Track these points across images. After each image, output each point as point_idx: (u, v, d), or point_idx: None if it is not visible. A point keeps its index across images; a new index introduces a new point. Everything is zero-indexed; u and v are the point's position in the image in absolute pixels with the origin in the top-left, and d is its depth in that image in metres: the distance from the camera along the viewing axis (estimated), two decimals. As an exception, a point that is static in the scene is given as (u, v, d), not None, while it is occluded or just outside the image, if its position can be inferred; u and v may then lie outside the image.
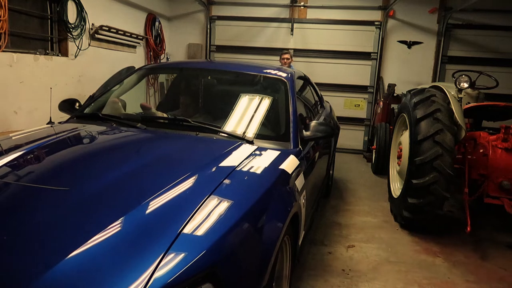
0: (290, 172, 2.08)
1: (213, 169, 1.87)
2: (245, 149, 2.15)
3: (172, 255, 1.22)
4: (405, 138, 4.00)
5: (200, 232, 1.35)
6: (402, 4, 7.05)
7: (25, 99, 4.36)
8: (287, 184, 2.02)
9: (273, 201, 1.76)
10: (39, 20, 4.80)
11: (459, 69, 4.98)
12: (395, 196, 4.04)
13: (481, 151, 3.68)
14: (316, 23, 7.48)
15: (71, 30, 4.98)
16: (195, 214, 1.42)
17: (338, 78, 7.47)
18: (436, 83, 4.67)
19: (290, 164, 2.14)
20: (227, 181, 1.72)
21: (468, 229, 3.28)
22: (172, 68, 3.91)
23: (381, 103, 6.39)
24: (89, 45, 5.38)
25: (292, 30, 7.52)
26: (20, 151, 1.95)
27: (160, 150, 2.11)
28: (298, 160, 2.27)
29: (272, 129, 2.58)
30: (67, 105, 2.79)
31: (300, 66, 6.89)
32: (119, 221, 1.35)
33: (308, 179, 2.45)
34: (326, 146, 3.56)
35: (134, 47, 6.66)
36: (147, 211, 1.44)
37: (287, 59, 5.91)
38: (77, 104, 2.83)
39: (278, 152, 2.21)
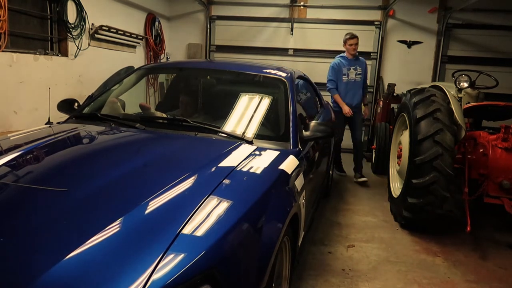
0: (289, 173, 2.07)
1: (213, 170, 1.87)
2: (245, 149, 2.15)
3: (171, 256, 1.22)
4: (405, 137, 3.99)
5: (199, 232, 1.34)
6: (402, 3, 7.04)
7: (25, 99, 4.36)
8: (287, 184, 2.01)
9: (272, 201, 1.76)
10: (39, 20, 4.80)
11: (459, 68, 4.97)
12: (395, 196, 4.03)
13: (481, 150, 3.68)
14: (316, 22, 7.47)
15: (71, 30, 4.98)
16: (194, 215, 1.41)
17: (338, 78, 7.46)
18: (436, 83, 4.67)
19: (289, 164, 2.14)
20: (226, 182, 1.72)
21: (468, 229, 3.28)
22: (171, 68, 3.91)
23: (381, 102, 6.39)
24: (89, 45, 5.38)
25: (292, 30, 7.51)
26: (18, 151, 1.95)
27: (159, 151, 2.11)
28: (298, 160, 2.26)
29: (272, 129, 2.57)
30: (66, 105, 2.78)
31: (300, 66, 6.88)
32: (117, 222, 1.35)
33: (308, 179, 2.44)
34: (326, 146, 3.55)
35: (134, 47, 6.66)
36: (146, 212, 1.44)
37: (356, 44, 5.13)
38: (76, 104, 2.82)
39: (278, 152, 2.21)
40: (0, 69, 4.03)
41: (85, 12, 5.15)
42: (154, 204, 1.48)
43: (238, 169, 1.87)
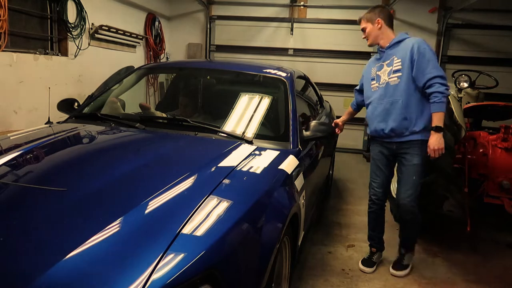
0: (289, 172, 2.07)
1: (212, 169, 1.87)
2: (245, 149, 2.15)
3: (171, 255, 1.22)
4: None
5: (199, 232, 1.34)
6: (402, 3, 7.04)
7: (25, 98, 4.36)
8: (287, 184, 2.01)
9: (272, 201, 1.76)
10: (39, 19, 4.79)
11: (459, 68, 4.97)
12: (395, 196, 4.02)
13: (481, 150, 3.68)
14: (316, 22, 7.47)
15: (71, 29, 4.98)
16: (194, 215, 1.41)
17: (338, 78, 7.46)
18: (436, 83, 4.66)
19: (289, 164, 2.14)
20: (226, 181, 1.72)
21: (468, 228, 3.28)
22: (171, 67, 3.91)
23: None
24: (89, 44, 5.38)
25: (292, 29, 7.51)
26: (18, 151, 1.95)
27: (159, 150, 2.11)
28: (298, 160, 2.26)
29: (272, 129, 2.57)
30: (65, 104, 2.79)
31: (300, 66, 6.88)
32: (117, 222, 1.35)
33: (308, 179, 2.44)
34: (326, 146, 3.55)
35: (134, 46, 6.65)
36: (146, 211, 1.44)
37: (364, 30, 2.79)
38: (76, 103, 2.83)
39: (278, 152, 2.21)
40: (0, 69, 4.03)
41: (85, 12, 5.15)
42: (154, 204, 1.48)
43: (238, 169, 1.87)
